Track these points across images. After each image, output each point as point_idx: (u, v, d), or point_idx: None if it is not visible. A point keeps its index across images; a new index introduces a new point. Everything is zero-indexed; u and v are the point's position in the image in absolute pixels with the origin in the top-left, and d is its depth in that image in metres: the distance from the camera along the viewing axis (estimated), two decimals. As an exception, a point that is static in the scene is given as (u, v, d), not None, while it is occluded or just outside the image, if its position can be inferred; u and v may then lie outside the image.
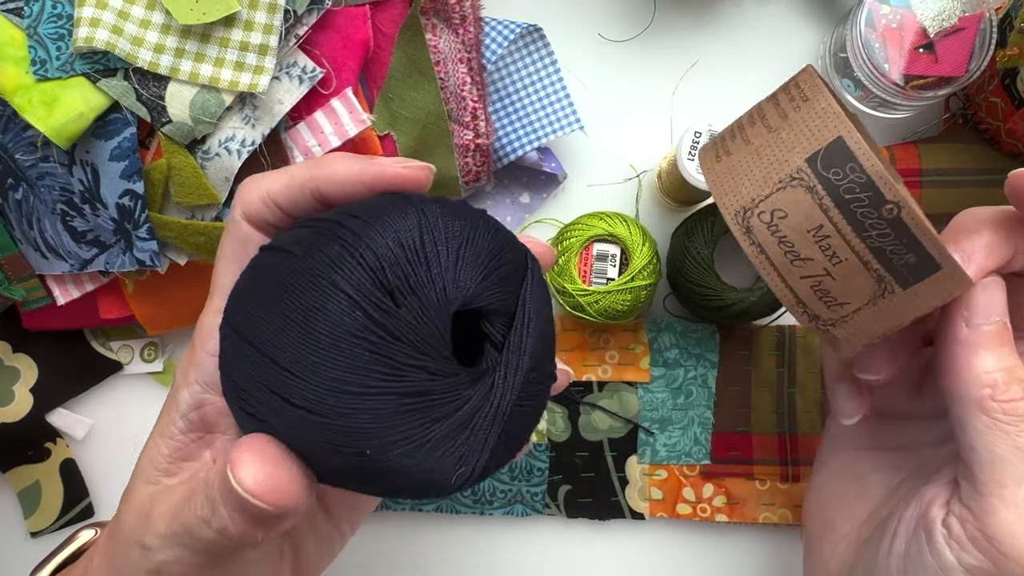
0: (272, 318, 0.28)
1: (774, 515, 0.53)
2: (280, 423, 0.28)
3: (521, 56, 0.53)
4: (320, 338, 0.27)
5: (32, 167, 0.47)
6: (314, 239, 0.29)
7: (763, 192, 0.34)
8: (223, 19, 0.46)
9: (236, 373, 0.29)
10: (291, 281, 0.28)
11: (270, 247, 0.31)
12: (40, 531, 0.54)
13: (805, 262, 0.34)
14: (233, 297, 0.31)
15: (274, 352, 0.27)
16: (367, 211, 0.29)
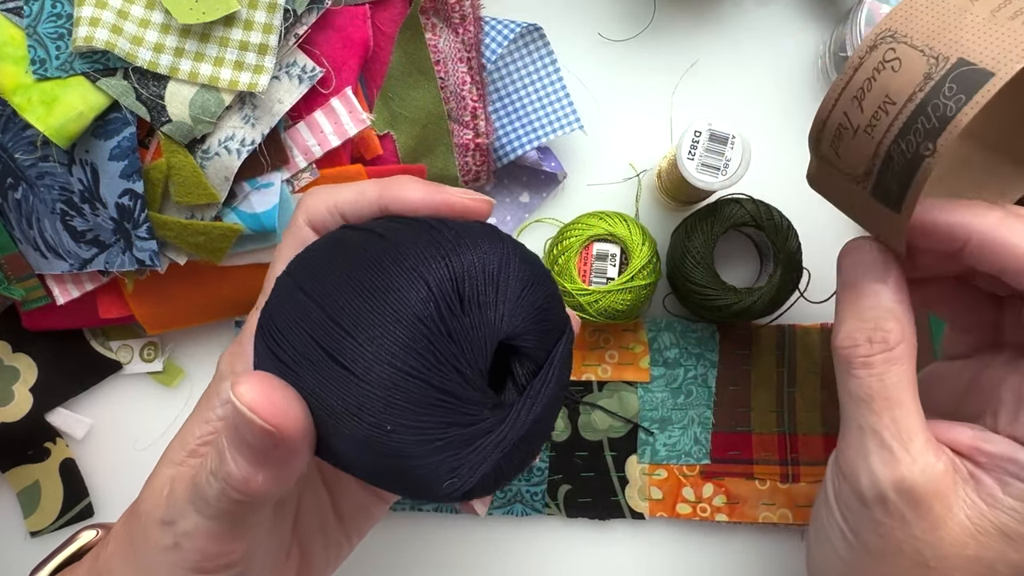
0: (344, 282, 0.30)
1: (774, 515, 0.53)
2: (310, 375, 0.30)
3: (521, 56, 0.53)
4: (388, 313, 0.29)
5: (32, 166, 0.47)
6: (406, 232, 0.32)
7: (914, 39, 0.34)
8: (223, 18, 0.46)
9: (280, 319, 0.31)
10: (376, 258, 0.30)
11: (356, 227, 0.34)
12: (40, 531, 0.54)
13: (857, 107, 0.35)
14: (302, 257, 0.33)
15: (336, 312, 0.30)
16: (463, 228, 0.32)
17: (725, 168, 0.48)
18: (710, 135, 0.48)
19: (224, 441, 0.31)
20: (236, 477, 0.31)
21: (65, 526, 0.54)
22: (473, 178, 0.53)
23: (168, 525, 0.33)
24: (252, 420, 0.29)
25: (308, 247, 0.34)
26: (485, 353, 0.30)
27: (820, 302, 0.54)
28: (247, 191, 0.48)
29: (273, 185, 0.49)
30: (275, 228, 0.49)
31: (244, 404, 0.29)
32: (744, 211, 0.51)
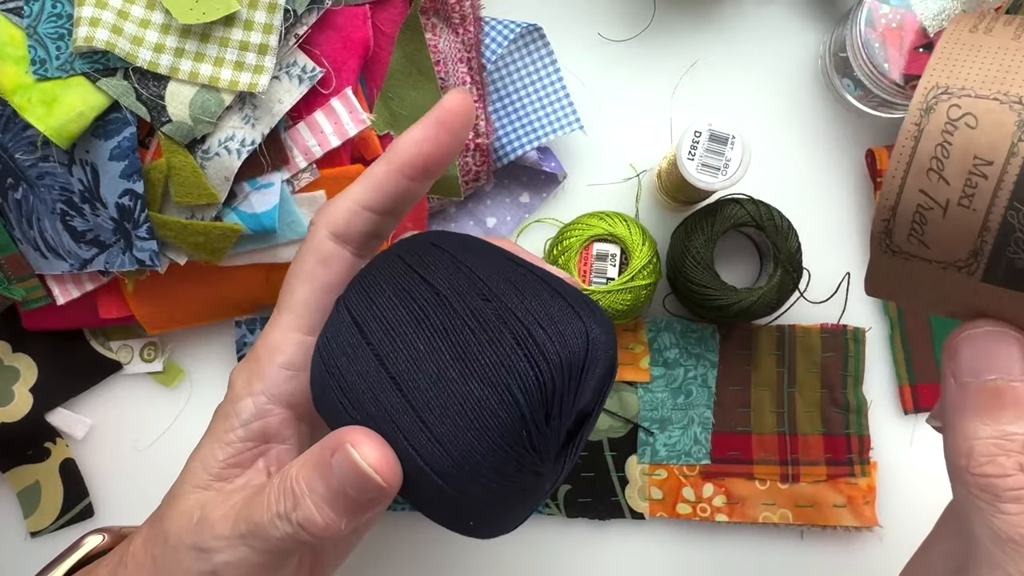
0: (419, 364, 0.30)
1: (774, 515, 0.53)
2: (386, 424, 0.30)
3: (521, 56, 0.53)
4: (474, 427, 0.29)
5: (32, 167, 0.47)
6: (482, 316, 0.30)
7: (978, 89, 0.29)
8: (223, 18, 0.46)
9: (350, 376, 0.31)
10: (456, 343, 0.29)
11: (414, 269, 0.31)
12: (40, 531, 0.54)
13: (938, 180, 0.29)
14: (367, 296, 0.31)
15: (417, 403, 0.29)
16: (536, 299, 0.30)
17: (725, 168, 0.48)
18: (710, 135, 0.48)
19: (304, 487, 0.31)
20: (318, 524, 0.31)
21: (65, 526, 0.54)
22: (473, 178, 0.53)
23: (203, 553, 0.33)
24: (374, 479, 0.30)
25: (368, 276, 0.32)
26: (559, 441, 0.30)
27: (820, 302, 0.54)
28: (247, 191, 0.48)
29: (273, 185, 0.49)
30: (275, 228, 0.49)
31: (372, 467, 0.29)
32: (744, 211, 0.51)
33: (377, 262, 0.33)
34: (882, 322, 0.55)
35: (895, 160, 0.30)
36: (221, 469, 0.35)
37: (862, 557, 0.54)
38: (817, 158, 0.56)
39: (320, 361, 0.32)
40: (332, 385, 0.31)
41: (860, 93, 0.53)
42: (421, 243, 0.33)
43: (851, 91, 0.54)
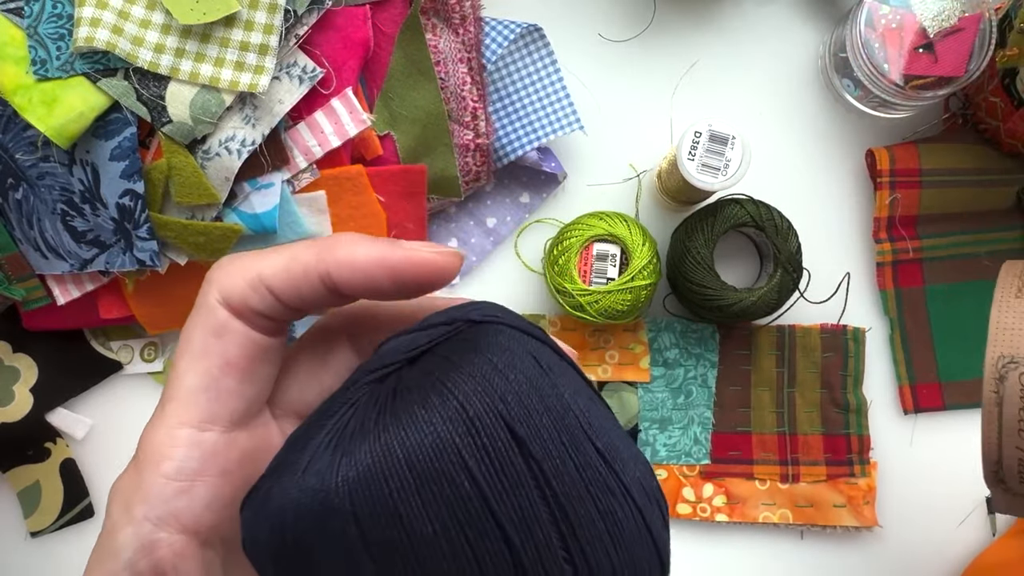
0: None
1: (774, 515, 0.53)
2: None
3: (521, 56, 0.53)
4: None
5: (32, 167, 0.47)
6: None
7: None
8: (223, 19, 0.46)
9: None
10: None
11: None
12: (40, 531, 0.54)
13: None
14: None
15: None
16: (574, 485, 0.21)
17: (725, 168, 0.48)
18: (710, 135, 0.48)
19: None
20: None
21: (65, 526, 0.54)
22: (473, 178, 0.53)
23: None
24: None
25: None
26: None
27: (820, 302, 0.54)
28: (247, 191, 0.48)
29: (273, 185, 0.49)
30: (275, 228, 0.49)
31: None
32: (744, 211, 0.51)
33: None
34: (882, 322, 0.55)
35: (986, 422, 0.34)
36: None
37: (862, 557, 0.54)
38: (817, 158, 0.56)
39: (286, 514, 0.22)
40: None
41: (860, 93, 0.53)
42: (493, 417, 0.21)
43: (851, 91, 0.54)
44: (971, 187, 0.53)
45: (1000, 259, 0.55)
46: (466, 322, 0.24)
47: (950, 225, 0.54)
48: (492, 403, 0.21)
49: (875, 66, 0.50)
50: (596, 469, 0.21)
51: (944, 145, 0.54)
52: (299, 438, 0.23)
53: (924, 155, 0.53)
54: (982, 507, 0.54)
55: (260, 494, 0.23)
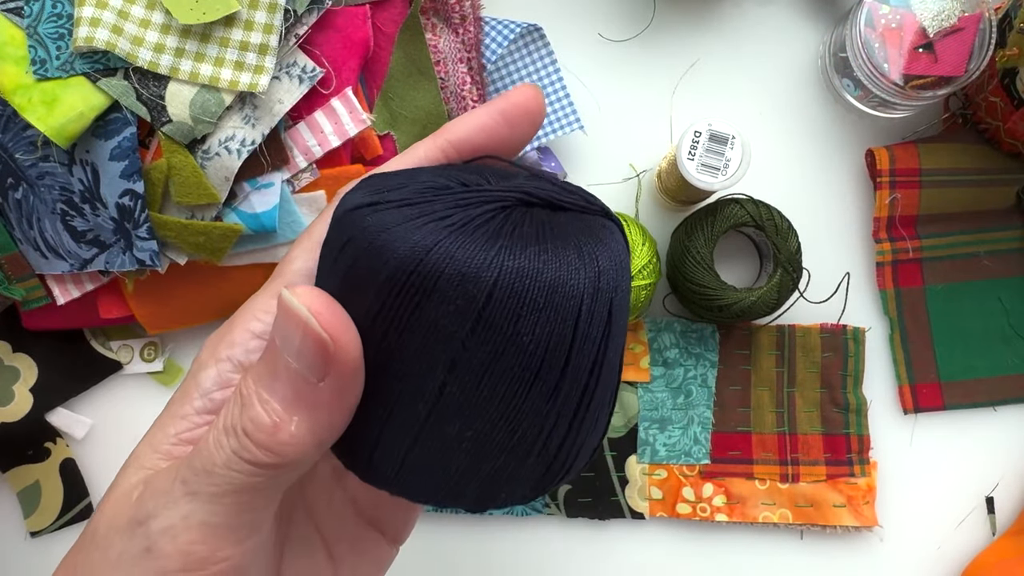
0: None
1: (774, 515, 0.53)
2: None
3: (521, 56, 0.53)
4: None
5: (32, 167, 0.47)
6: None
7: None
8: (223, 19, 0.46)
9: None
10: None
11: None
12: (40, 531, 0.54)
13: None
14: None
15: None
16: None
17: (725, 168, 0.48)
18: (710, 135, 0.48)
19: (251, 383, 0.25)
20: (264, 424, 0.24)
21: (65, 526, 0.54)
22: (473, 178, 0.53)
23: (139, 526, 0.26)
24: (309, 323, 0.24)
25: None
26: None
27: (820, 302, 0.54)
28: (247, 191, 0.48)
29: (273, 185, 0.49)
30: (275, 228, 0.49)
31: (303, 303, 0.24)
32: (744, 211, 0.51)
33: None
34: (882, 322, 0.55)
35: None
36: (172, 446, 0.28)
37: (862, 557, 0.54)
38: (817, 158, 0.56)
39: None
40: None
41: (860, 93, 0.53)
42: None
43: (851, 91, 0.54)
44: (971, 187, 0.53)
45: (1000, 259, 0.55)
46: (603, 213, 0.29)
47: (950, 225, 0.54)
48: (610, 284, 0.26)
49: (875, 66, 0.50)
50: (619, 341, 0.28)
51: (944, 145, 0.54)
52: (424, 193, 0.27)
53: (924, 155, 0.53)
54: (982, 507, 0.54)
55: (399, 217, 0.26)
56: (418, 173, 0.29)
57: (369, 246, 0.26)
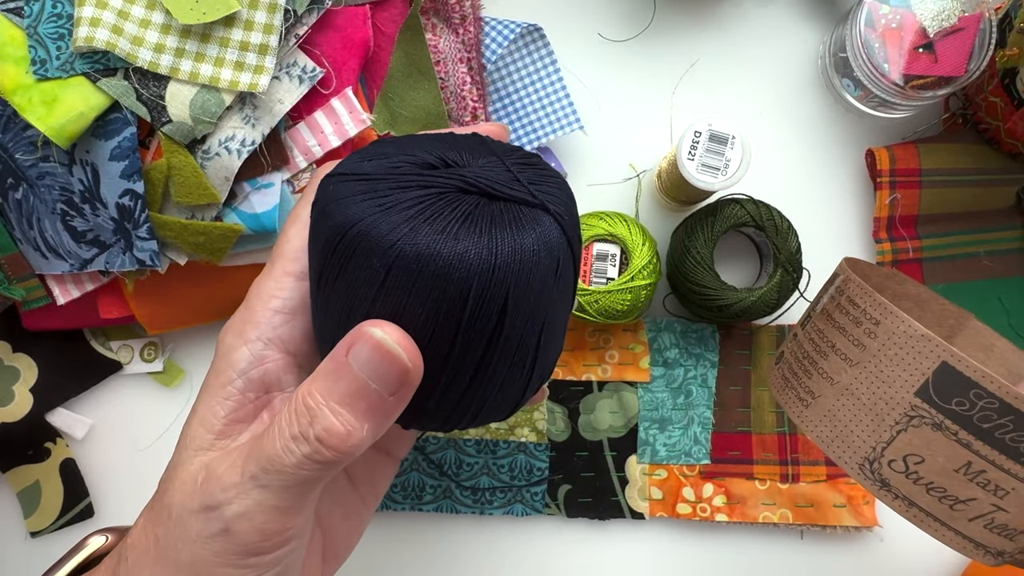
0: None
1: (774, 515, 0.53)
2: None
3: (521, 56, 0.53)
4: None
5: (32, 167, 0.47)
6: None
7: (882, 438, 0.31)
8: (223, 19, 0.46)
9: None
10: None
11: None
12: (40, 531, 0.54)
13: (967, 504, 0.30)
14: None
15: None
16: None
17: (725, 168, 0.48)
18: (710, 135, 0.48)
19: (319, 397, 0.30)
20: (339, 432, 0.30)
21: (65, 526, 0.54)
22: (473, 178, 0.53)
23: (212, 511, 0.31)
24: (399, 356, 0.29)
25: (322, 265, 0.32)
26: None
27: (820, 302, 0.54)
28: (247, 191, 0.48)
29: (273, 185, 0.49)
30: (275, 228, 0.49)
31: (394, 339, 0.29)
32: (744, 211, 0.51)
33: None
34: (882, 322, 0.55)
35: (927, 528, 0.32)
36: (224, 426, 0.33)
37: (862, 557, 0.54)
38: (817, 158, 0.56)
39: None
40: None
41: (860, 93, 0.53)
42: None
43: (851, 91, 0.54)
44: (971, 187, 0.53)
45: (1000, 259, 0.55)
46: (541, 207, 0.32)
47: (950, 225, 0.54)
48: (510, 269, 0.30)
49: (875, 66, 0.50)
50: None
51: (944, 145, 0.54)
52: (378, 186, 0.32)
53: (924, 155, 0.53)
54: (982, 507, 0.54)
55: (344, 202, 0.31)
56: (413, 143, 0.34)
57: (321, 211, 0.32)
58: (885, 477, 0.31)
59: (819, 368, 0.34)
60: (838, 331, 0.33)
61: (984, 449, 0.29)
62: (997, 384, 0.29)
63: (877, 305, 0.32)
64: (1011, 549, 0.31)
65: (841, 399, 0.32)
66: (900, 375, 0.30)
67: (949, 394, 0.29)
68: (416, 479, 0.53)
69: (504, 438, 0.54)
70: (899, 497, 0.31)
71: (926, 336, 0.30)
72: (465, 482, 0.53)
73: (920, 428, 0.30)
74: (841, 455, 0.32)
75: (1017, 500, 0.30)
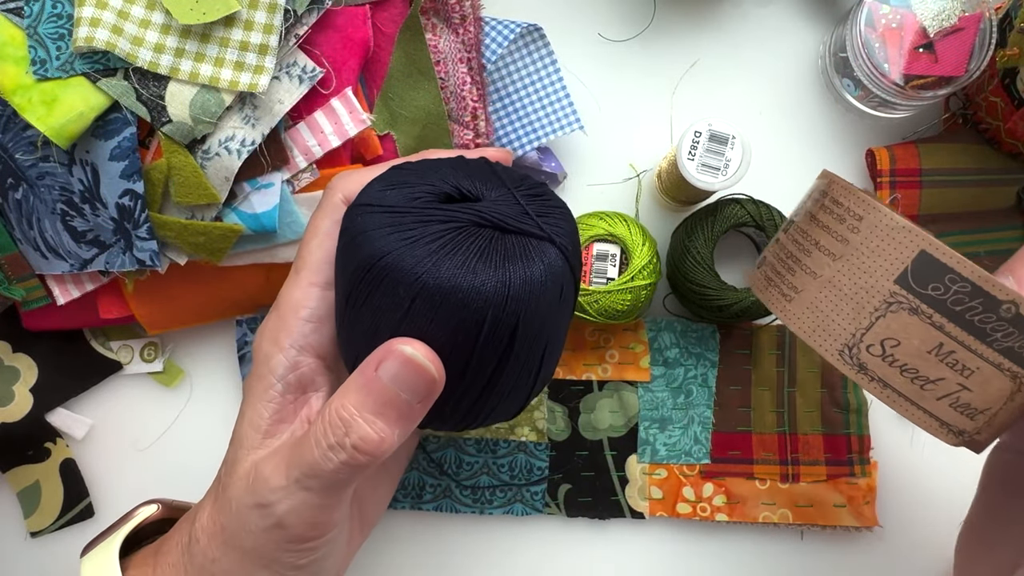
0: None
1: (774, 514, 0.53)
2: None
3: (521, 56, 0.53)
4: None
5: (32, 167, 0.47)
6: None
7: (861, 324, 0.33)
8: (223, 19, 0.46)
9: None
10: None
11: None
12: (40, 531, 0.54)
13: (936, 383, 0.33)
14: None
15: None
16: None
17: (725, 168, 0.48)
18: (710, 135, 0.48)
19: (352, 409, 0.34)
20: (373, 440, 0.34)
21: (65, 526, 0.54)
22: (473, 178, 0.53)
23: (264, 508, 0.36)
24: (428, 370, 0.34)
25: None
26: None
27: (820, 302, 0.54)
28: (247, 191, 0.48)
29: (273, 185, 0.49)
30: (275, 228, 0.49)
31: (422, 354, 0.34)
32: (744, 211, 0.51)
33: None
34: (882, 322, 0.55)
35: (899, 408, 0.34)
36: (269, 426, 0.38)
37: (862, 557, 0.54)
38: (817, 158, 0.56)
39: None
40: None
41: (860, 93, 0.53)
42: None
43: (851, 91, 0.54)
44: (971, 187, 0.53)
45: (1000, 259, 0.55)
46: (548, 239, 0.36)
47: (950, 225, 0.54)
48: (520, 299, 0.35)
49: (875, 66, 0.50)
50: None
51: (944, 145, 0.54)
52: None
53: (924, 155, 0.53)
54: (982, 507, 0.54)
55: (376, 233, 0.35)
56: (431, 171, 0.38)
57: (351, 241, 0.36)
58: (863, 361, 0.34)
59: (802, 265, 0.36)
60: (822, 229, 0.35)
61: (955, 331, 0.32)
62: (971, 269, 0.31)
63: (860, 202, 0.34)
64: (971, 428, 0.34)
65: (824, 291, 0.34)
66: (881, 265, 0.33)
67: (926, 280, 0.32)
68: (416, 478, 0.53)
69: (504, 437, 0.54)
70: (875, 379, 0.33)
71: (907, 227, 0.32)
72: (465, 481, 0.53)
73: (898, 313, 0.32)
74: (822, 343, 0.34)
75: (980, 379, 0.32)
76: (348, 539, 0.42)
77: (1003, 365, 0.32)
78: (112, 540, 0.41)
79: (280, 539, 0.36)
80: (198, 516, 0.39)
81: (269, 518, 0.36)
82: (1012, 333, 0.31)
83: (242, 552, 0.37)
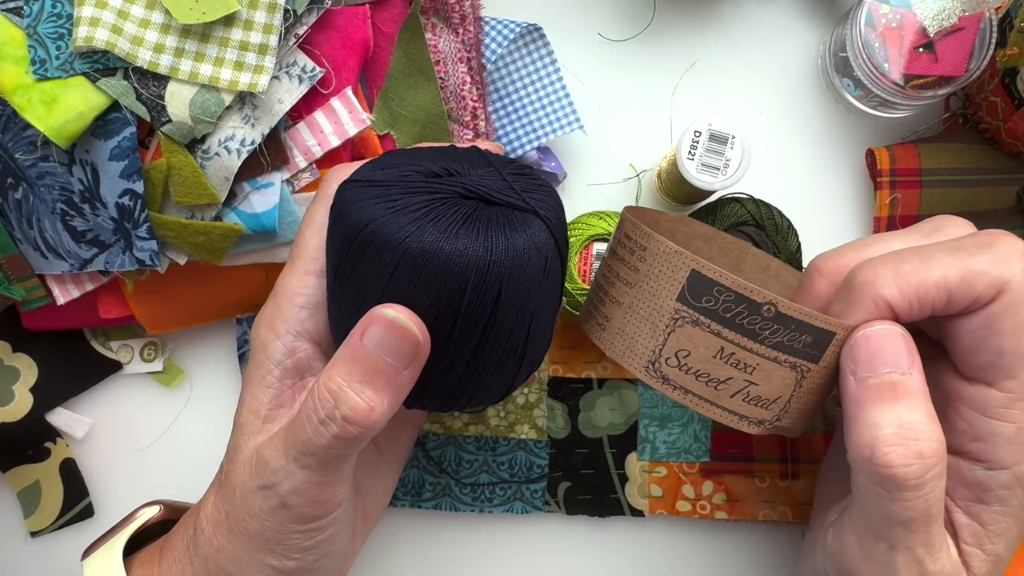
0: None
1: (774, 513, 0.53)
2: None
3: (521, 56, 0.53)
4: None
5: (32, 166, 0.47)
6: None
7: (658, 341, 0.37)
8: (223, 18, 0.46)
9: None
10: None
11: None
12: (40, 531, 0.54)
13: (727, 383, 0.37)
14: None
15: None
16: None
17: (725, 168, 0.48)
18: (710, 135, 0.48)
19: (340, 380, 0.34)
20: (362, 408, 0.34)
21: (65, 526, 0.54)
22: (473, 178, 0.53)
23: (267, 490, 0.36)
24: (410, 329, 0.34)
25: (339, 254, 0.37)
26: None
27: (819, 301, 0.54)
28: (247, 191, 0.48)
29: (273, 185, 0.49)
30: (275, 228, 0.49)
31: (405, 316, 0.34)
32: (744, 211, 0.51)
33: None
34: (881, 321, 0.55)
35: (701, 409, 0.38)
36: (268, 411, 0.38)
37: (861, 555, 0.54)
38: (817, 158, 0.56)
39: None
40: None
41: (860, 93, 0.53)
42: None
43: (851, 91, 0.54)
44: (971, 187, 0.53)
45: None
46: (532, 211, 0.37)
47: (949, 224, 0.54)
48: (502, 266, 0.35)
49: (875, 66, 0.50)
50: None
51: (944, 145, 0.54)
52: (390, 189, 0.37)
53: (924, 155, 0.53)
54: (980, 505, 0.55)
55: (364, 204, 0.36)
56: (422, 155, 0.39)
57: (339, 212, 0.37)
58: (664, 373, 0.37)
59: (609, 295, 0.39)
60: (620, 262, 0.39)
61: (731, 335, 0.36)
62: (732, 280, 0.35)
63: (643, 234, 0.38)
64: (769, 417, 0.38)
65: (626, 317, 0.38)
66: (664, 286, 0.37)
67: (700, 294, 0.36)
68: (416, 476, 0.53)
69: (504, 435, 0.54)
70: (677, 388, 0.37)
71: (679, 251, 0.36)
72: (465, 479, 0.53)
73: (683, 327, 0.36)
74: (631, 362, 0.38)
75: (762, 373, 0.36)
76: (353, 531, 0.42)
77: (779, 358, 0.36)
78: (115, 541, 0.41)
79: (285, 519, 0.36)
80: (202, 508, 0.40)
81: (273, 499, 0.36)
82: (778, 329, 0.35)
83: (247, 537, 0.37)
